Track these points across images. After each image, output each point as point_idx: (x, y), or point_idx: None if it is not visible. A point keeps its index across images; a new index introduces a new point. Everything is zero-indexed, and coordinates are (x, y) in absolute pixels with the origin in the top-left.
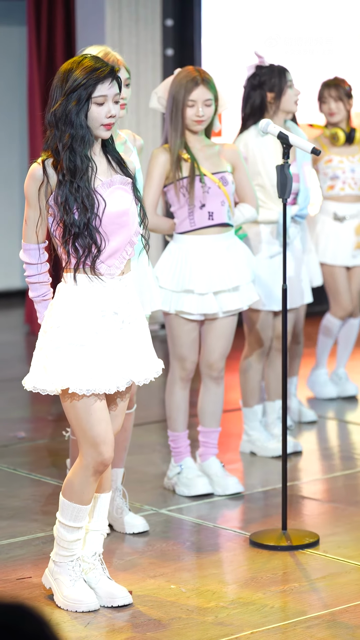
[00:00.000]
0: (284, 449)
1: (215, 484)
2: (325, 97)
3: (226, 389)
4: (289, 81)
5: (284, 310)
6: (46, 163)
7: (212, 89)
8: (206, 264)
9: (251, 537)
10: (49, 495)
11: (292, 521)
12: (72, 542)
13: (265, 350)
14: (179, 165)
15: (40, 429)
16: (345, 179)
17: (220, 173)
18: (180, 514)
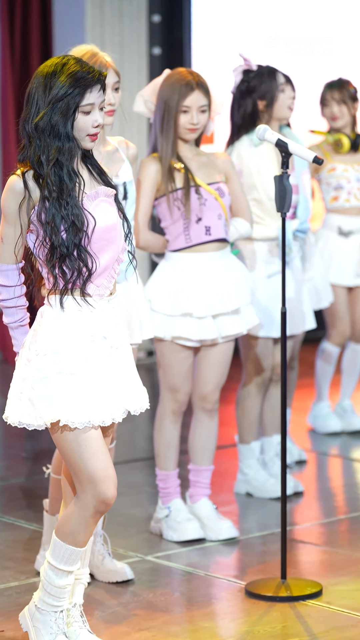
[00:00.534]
0: (283, 489)
1: (207, 528)
2: (327, 100)
3: (221, 422)
4: (280, 85)
5: (283, 336)
6: (27, 176)
7: (208, 94)
8: (204, 285)
9: (247, 586)
10: (23, 540)
11: (292, 569)
12: (60, 589)
13: (265, 380)
14: (172, 176)
15: (14, 467)
16: (351, 189)
17: (215, 184)
18: (169, 561)
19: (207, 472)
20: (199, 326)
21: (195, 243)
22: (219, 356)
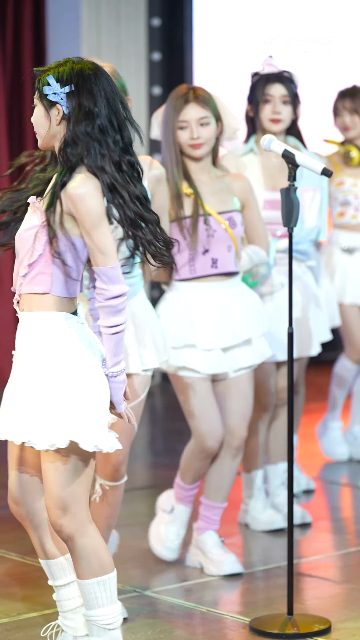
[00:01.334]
0: (290, 520)
1: (209, 562)
2: (339, 110)
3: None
4: (266, 94)
5: (290, 358)
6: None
7: (209, 105)
8: (210, 316)
9: (251, 623)
10: (15, 574)
11: (299, 605)
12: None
13: (267, 406)
14: (180, 202)
15: (3, 496)
16: (358, 205)
17: (227, 213)
18: (169, 596)
19: (218, 510)
20: (206, 359)
21: (200, 275)
22: (240, 386)
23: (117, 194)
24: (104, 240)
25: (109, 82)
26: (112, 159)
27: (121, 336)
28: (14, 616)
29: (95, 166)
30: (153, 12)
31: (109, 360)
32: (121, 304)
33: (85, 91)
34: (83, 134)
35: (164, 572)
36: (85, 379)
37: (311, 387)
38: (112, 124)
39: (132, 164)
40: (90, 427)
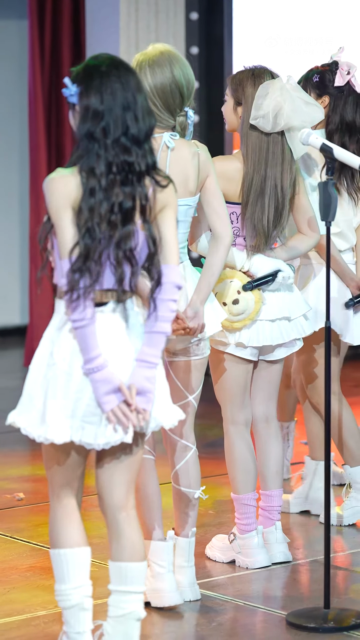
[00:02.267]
0: (327, 512)
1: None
2: None
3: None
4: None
5: (327, 353)
6: None
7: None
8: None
9: (288, 616)
10: (51, 566)
11: (336, 598)
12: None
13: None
14: None
15: (42, 489)
16: None
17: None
18: (205, 589)
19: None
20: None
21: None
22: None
23: (94, 199)
24: (62, 232)
25: (121, 77)
26: (107, 159)
27: (83, 332)
28: (51, 609)
29: (87, 167)
30: (191, 6)
31: (82, 356)
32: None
33: (92, 90)
34: (85, 135)
35: (199, 566)
36: (53, 369)
37: (347, 381)
38: (117, 122)
39: (129, 164)
40: (40, 417)
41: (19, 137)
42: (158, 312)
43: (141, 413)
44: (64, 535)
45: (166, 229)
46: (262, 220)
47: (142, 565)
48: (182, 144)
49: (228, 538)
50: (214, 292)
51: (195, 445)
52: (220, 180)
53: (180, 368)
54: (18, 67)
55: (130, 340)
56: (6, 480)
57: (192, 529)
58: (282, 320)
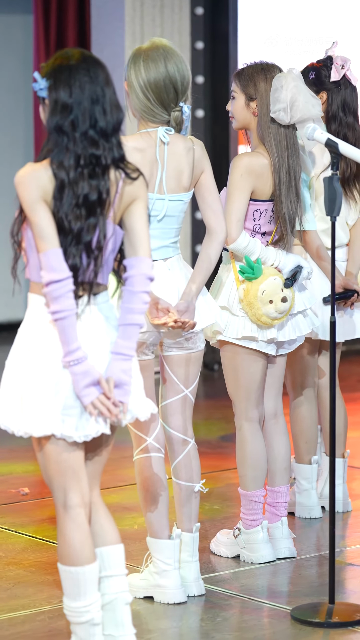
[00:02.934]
0: (331, 508)
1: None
2: None
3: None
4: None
5: (332, 347)
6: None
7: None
8: None
9: (293, 612)
10: (56, 561)
11: (341, 594)
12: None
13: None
14: None
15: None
16: None
17: None
18: (209, 584)
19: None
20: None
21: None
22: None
23: (63, 192)
24: (38, 226)
25: (90, 71)
26: (75, 152)
27: (63, 324)
28: (56, 604)
29: (57, 160)
30: (197, 0)
31: (62, 348)
32: (53, 291)
33: (61, 84)
34: (55, 128)
35: (204, 561)
36: (30, 363)
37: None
38: (85, 115)
39: (96, 157)
40: (19, 412)
41: (23, 133)
42: (131, 305)
43: (118, 406)
44: (75, 552)
45: (136, 222)
46: (293, 213)
47: (117, 547)
48: (177, 139)
49: (233, 533)
50: (261, 290)
51: (193, 439)
52: (249, 177)
53: (175, 362)
54: (23, 62)
55: (105, 333)
56: (11, 475)
57: (196, 524)
58: (299, 314)
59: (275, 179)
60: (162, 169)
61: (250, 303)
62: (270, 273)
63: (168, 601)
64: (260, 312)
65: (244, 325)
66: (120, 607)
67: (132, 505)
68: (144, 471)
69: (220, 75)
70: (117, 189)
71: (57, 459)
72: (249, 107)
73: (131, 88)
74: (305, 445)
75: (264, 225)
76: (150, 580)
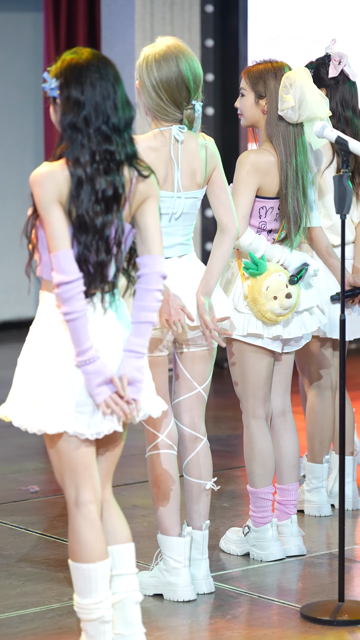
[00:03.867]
0: (341, 506)
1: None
2: None
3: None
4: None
5: (342, 345)
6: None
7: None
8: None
9: (302, 609)
10: (66, 559)
11: (351, 592)
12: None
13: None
14: None
15: (56, 481)
16: None
17: None
18: (219, 582)
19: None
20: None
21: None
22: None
23: (82, 189)
24: (51, 226)
25: (100, 69)
26: (90, 149)
27: (74, 325)
28: (65, 601)
29: (73, 157)
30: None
31: (74, 348)
32: (63, 292)
33: (72, 81)
34: (69, 125)
35: (213, 558)
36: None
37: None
38: (98, 111)
39: (110, 153)
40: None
41: (34, 130)
42: (144, 302)
43: (131, 403)
44: (87, 549)
45: (149, 220)
46: (299, 211)
47: (128, 546)
48: (189, 137)
49: (242, 531)
50: (265, 286)
51: (206, 437)
52: (256, 173)
53: (188, 359)
54: (33, 60)
55: (117, 330)
56: (20, 473)
57: (206, 522)
58: (305, 312)
59: (282, 177)
60: (177, 167)
61: (255, 299)
62: (274, 269)
63: (178, 599)
64: (264, 308)
65: (249, 322)
66: (130, 606)
67: (142, 503)
68: (156, 468)
69: (230, 72)
70: (130, 187)
71: (69, 456)
72: (258, 105)
73: (143, 87)
74: (319, 446)
75: (270, 222)
76: (160, 577)
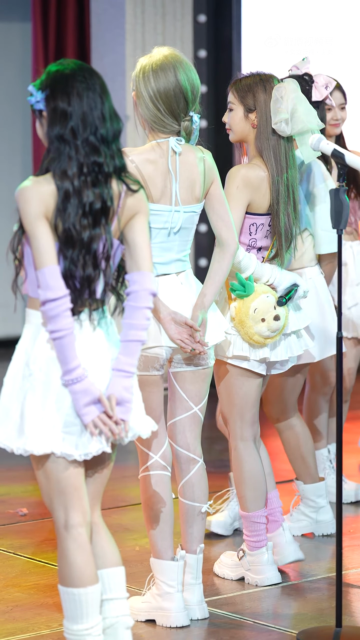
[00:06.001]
0: (338, 530)
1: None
2: None
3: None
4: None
5: (339, 362)
6: None
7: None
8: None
9: (299, 636)
10: (55, 583)
11: (349, 617)
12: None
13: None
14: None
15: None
16: None
17: None
18: (213, 607)
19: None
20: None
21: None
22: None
23: (68, 202)
24: (37, 242)
25: (87, 79)
26: (78, 160)
27: (61, 343)
28: (55, 628)
29: (60, 170)
30: (199, 8)
31: (60, 367)
32: (49, 310)
33: (59, 93)
34: (56, 137)
35: (207, 583)
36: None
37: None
38: (85, 122)
39: (99, 165)
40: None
41: (21, 141)
42: (133, 320)
43: (120, 424)
44: (78, 573)
45: (137, 236)
46: (290, 228)
47: (118, 570)
48: (188, 149)
49: (237, 555)
50: (252, 308)
51: (202, 459)
52: (246, 189)
53: (185, 378)
54: (21, 71)
55: (106, 349)
56: (9, 495)
57: (200, 545)
58: (292, 334)
59: (273, 192)
60: (175, 180)
61: (242, 321)
62: (262, 290)
63: (171, 624)
64: (252, 331)
65: (235, 344)
66: (122, 632)
67: (134, 526)
68: (149, 489)
69: (224, 84)
70: (119, 202)
71: (57, 477)
72: (247, 119)
73: (140, 98)
74: (313, 464)
75: (260, 239)
76: (153, 602)
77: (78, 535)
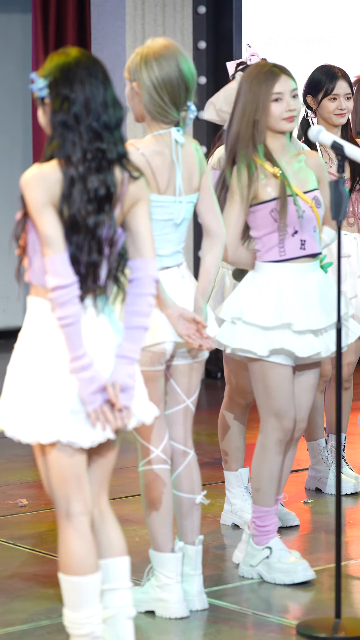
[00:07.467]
0: (337, 520)
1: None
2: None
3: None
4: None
5: (338, 354)
6: None
7: (294, 79)
8: (302, 298)
9: (298, 627)
10: (56, 574)
11: (348, 608)
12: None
13: (249, 405)
14: (266, 182)
15: (46, 495)
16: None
17: (311, 192)
18: (214, 598)
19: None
20: (299, 342)
21: (290, 257)
22: (310, 380)
23: (74, 188)
24: (44, 230)
25: (89, 67)
26: (82, 147)
27: (69, 330)
28: (55, 618)
29: (64, 156)
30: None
31: (68, 354)
32: (59, 296)
33: (62, 79)
34: (59, 123)
35: (207, 575)
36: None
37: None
38: (88, 108)
39: (102, 151)
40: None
41: (22, 133)
42: (137, 307)
43: (123, 411)
44: (78, 562)
45: (140, 223)
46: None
47: (123, 560)
48: (186, 140)
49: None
50: None
51: (193, 450)
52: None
53: (181, 371)
54: (21, 63)
55: (110, 335)
56: (9, 486)
57: (199, 537)
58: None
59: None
60: (179, 171)
61: None
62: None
63: (170, 615)
64: None
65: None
66: (123, 622)
67: (133, 517)
68: (149, 483)
69: (223, 75)
70: (122, 188)
71: (60, 466)
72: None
73: (142, 88)
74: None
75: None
76: (152, 594)
77: (79, 524)
